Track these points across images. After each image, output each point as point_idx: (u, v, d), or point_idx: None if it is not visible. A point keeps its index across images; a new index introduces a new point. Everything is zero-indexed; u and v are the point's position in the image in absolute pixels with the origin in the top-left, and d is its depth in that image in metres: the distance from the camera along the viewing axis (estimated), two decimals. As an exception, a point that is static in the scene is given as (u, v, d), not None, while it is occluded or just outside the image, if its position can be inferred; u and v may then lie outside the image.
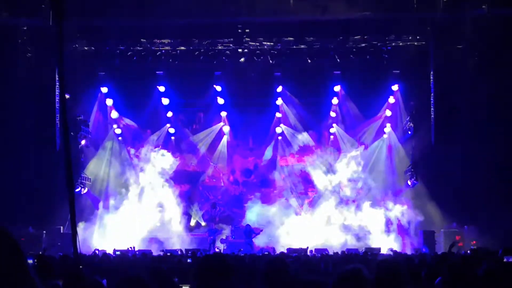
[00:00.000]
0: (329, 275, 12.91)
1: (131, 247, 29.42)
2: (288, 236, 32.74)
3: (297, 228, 33.00)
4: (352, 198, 34.19)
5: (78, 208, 29.89)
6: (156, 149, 34.20)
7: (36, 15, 28.82)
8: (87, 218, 32.01)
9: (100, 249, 29.07)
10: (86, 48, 32.60)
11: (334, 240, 32.31)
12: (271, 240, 32.90)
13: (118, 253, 27.58)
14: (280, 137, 35.94)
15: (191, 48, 32.85)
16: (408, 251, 28.72)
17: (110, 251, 28.42)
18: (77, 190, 31.41)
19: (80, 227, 29.56)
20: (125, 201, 33.39)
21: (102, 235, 32.16)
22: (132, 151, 34.47)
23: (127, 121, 34.95)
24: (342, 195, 34.34)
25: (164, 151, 34.19)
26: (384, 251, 28.79)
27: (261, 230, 32.39)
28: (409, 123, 33.31)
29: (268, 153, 36.11)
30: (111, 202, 33.44)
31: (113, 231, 32.35)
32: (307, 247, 29.81)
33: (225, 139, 36.09)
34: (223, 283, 5.00)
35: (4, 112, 30.00)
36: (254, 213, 33.93)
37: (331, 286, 5.18)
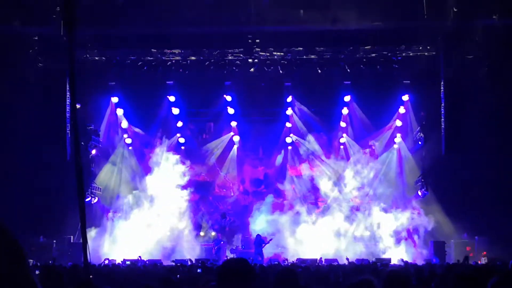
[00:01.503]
0: (339, 286, 12.89)
1: (139, 257, 29.40)
2: (298, 246, 32.68)
3: (306, 238, 32.93)
4: (362, 208, 34.13)
5: (88, 218, 29.89)
6: (170, 152, 34.18)
7: (47, 25, 28.94)
8: (97, 228, 32.05)
9: (110, 258, 29.11)
10: (97, 57, 32.70)
11: (344, 250, 32.25)
12: (281, 250, 32.87)
13: (128, 263, 27.58)
14: (290, 147, 35.93)
15: (201, 58, 32.90)
16: (419, 262, 28.59)
17: (119, 260, 28.46)
18: (88, 199, 31.46)
19: (90, 236, 29.56)
20: (135, 210, 33.44)
21: (112, 244, 32.19)
22: (147, 151, 34.49)
23: (137, 130, 35.03)
24: (352, 205, 34.29)
25: (177, 156, 34.16)
26: (394, 261, 28.70)
27: (271, 240, 32.33)
28: (419, 133, 33.25)
29: (280, 158, 36.12)
30: (121, 211, 33.48)
31: (123, 240, 32.40)
32: (316, 258, 29.73)
33: (235, 148, 36.12)
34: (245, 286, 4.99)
35: (15, 121, 30.09)
36: (259, 222, 33.86)
37: None
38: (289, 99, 34.49)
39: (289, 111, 35.00)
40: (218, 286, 5.02)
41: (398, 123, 34.39)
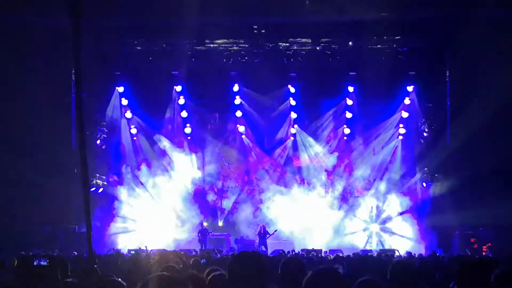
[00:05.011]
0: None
1: (145, 247, 29.47)
2: (302, 236, 32.73)
3: (311, 229, 32.99)
4: (366, 198, 34.15)
5: (93, 208, 30.02)
6: (175, 143, 34.34)
7: (52, 15, 28.86)
8: (102, 218, 32.08)
9: (114, 248, 29.16)
10: (102, 47, 32.66)
11: (349, 240, 32.37)
12: (285, 240, 32.89)
13: (132, 252, 27.63)
14: (292, 138, 35.86)
15: (206, 48, 32.87)
16: (423, 253, 28.60)
17: (124, 250, 28.51)
18: (93, 189, 31.50)
19: (95, 226, 29.63)
20: (140, 201, 33.49)
21: (117, 234, 32.26)
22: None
23: (141, 121, 34.99)
24: (356, 195, 34.34)
25: (183, 146, 34.27)
26: (399, 252, 28.73)
27: (275, 231, 32.37)
28: (424, 124, 33.18)
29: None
30: (127, 201, 33.50)
31: (129, 230, 32.50)
32: (321, 249, 29.77)
33: (242, 138, 36.04)
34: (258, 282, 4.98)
35: (20, 111, 30.07)
36: (263, 212, 33.91)
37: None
38: (293, 89, 34.40)
39: (293, 102, 34.91)
40: (229, 278, 5.00)
41: (403, 114, 34.29)
